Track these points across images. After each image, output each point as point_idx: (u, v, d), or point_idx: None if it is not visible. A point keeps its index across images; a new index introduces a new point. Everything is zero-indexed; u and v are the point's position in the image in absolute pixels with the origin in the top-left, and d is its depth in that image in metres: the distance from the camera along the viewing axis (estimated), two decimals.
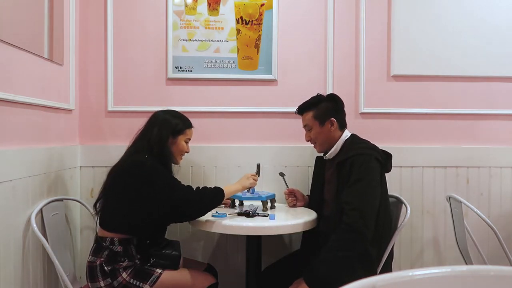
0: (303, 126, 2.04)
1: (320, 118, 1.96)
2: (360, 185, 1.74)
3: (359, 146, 1.87)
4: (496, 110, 2.50)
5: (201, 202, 1.77)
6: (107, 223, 1.76)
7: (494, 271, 0.68)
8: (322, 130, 1.96)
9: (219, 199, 1.82)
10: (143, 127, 1.89)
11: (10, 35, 1.64)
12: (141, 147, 1.82)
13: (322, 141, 1.99)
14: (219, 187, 1.84)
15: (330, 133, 1.96)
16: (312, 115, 1.98)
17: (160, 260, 1.75)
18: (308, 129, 2.01)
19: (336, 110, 1.98)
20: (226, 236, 2.41)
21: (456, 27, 2.47)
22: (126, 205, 1.73)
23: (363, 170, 1.76)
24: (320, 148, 2.02)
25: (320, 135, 1.97)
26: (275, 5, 2.41)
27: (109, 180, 1.81)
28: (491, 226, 2.11)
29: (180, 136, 1.89)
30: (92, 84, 2.38)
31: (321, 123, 1.96)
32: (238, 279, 2.39)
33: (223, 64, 2.41)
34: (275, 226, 1.81)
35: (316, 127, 1.97)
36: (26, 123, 1.80)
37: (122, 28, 2.38)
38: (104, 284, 1.69)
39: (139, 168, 1.72)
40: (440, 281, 0.66)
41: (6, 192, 1.61)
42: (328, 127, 1.95)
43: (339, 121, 1.98)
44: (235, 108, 2.43)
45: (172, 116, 1.91)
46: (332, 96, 2.04)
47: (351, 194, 1.74)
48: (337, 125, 1.96)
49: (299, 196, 2.18)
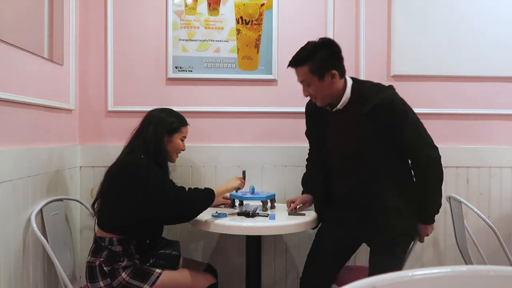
0: (299, 81, 1.77)
1: (318, 72, 1.70)
2: (413, 122, 1.71)
3: (375, 88, 1.76)
4: (496, 110, 2.49)
5: (191, 203, 1.78)
6: (105, 224, 1.76)
7: (494, 271, 0.68)
8: (322, 84, 1.72)
9: (210, 200, 1.83)
10: (139, 126, 1.89)
11: (10, 35, 1.64)
12: (137, 146, 1.82)
13: (324, 96, 1.75)
14: (210, 188, 1.86)
15: (332, 86, 1.73)
16: (308, 70, 1.71)
17: (160, 260, 1.76)
18: (306, 85, 1.76)
19: (334, 59, 1.73)
20: (226, 236, 2.40)
21: (456, 27, 2.47)
22: (121, 205, 1.73)
23: (402, 108, 1.71)
24: (322, 101, 1.78)
25: (321, 90, 1.73)
26: (275, 5, 2.41)
27: (106, 180, 1.81)
28: (491, 226, 2.11)
29: (175, 134, 1.90)
30: (92, 84, 2.38)
31: (320, 77, 1.70)
32: (238, 279, 2.39)
33: (223, 64, 2.41)
34: (275, 226, 1.81)
35: (315, 82, 1.72)
36: (26, 123, 1.80)
37: (122, 28, 2.37)
38: (104, 284, 1.69)
39: (134, 168, 1.73)
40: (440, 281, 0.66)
41: (6, 192, 1.61)
42: (329, 80, 1.71)
43: (340, 70, 1.73)
44: (235, 108, 2.43)
45: (167, 114, 1.91)
46: (327, 42, 1.76)
47: (414, 133, 1.71)
48: (338, 76, 1.72)
49: (301, 201, 2.01)
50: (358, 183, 1.78)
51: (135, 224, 1.74)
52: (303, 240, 2.44)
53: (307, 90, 1.77)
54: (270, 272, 2.45)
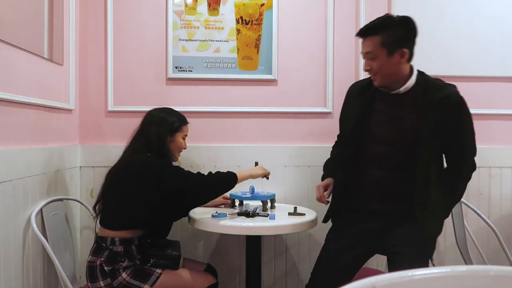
0: (364, 52, 1.66)
1: (390, 46, 1.58)
2: (472, 127, 1.66)
3: (441, 82, 1.68)
4: (496, 110, 2.49)
5: (214, 184, 1.82)
6: (111, 222, 1.76)
7: (494, 271, 0.68)
8: (389, 61, 1.60)
9: (232, 183, 1.85)
10: (139, 126, 1.91)
11: (10, 35, 1.64)
12: (140, 146, 1.83)
13: (387, 74, 1.63)
14: (233, 172, 1.88)
15: (399, 66, 1.62)
16: (379, 42, 1.59)
17: (160, 260, 1.76)
18: (371, 58, 1.63)
19: (410, 38, 1.63)
20: (226, 236, 2.40)
21: (456, 27, 2.47)
22: (135, 202, 1.74)
23: (468, 110, 1.65)
24: (382, 81, 1.65)
25: (385, 67, 1.61)
26: (275, 5, 2.41)
27: (111, 180, 1.81)
28: (491, 226, 2.11)
29: (177, 133, 1.91)
30: (92, 84, 2.38)
31: (390, 53, 1.59)
32: (238, 279, 2.39)
33: (223, 64, 2.41)
34: (275, 226, 1.81)
35: (383, 57, 1.60)
36: (26, 123, 1.80)
37: (122, 28, 2.37)
38: (104, 284, 1.69)
39: (147, 165, 1.76)
40: (440, 281, 0.66)
41: (6, 192, 1.61)
42: (398, 58, 1.60)
43: (411, 53, 1.63)
44: (235, 108, 2.43)
45: (168, 114, 1.93)
46: (407, 18, 1.64)
47: (470, 138, 1.67)
48: (407, 57, 1.62)
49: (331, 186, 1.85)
50: (402, 173, 1.66)
51: (149, 217, 1.76)
52: (303, 240, 2.45)
53: (370, 64, 1.65)
54: (270, 272, 2.45)
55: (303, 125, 2.45)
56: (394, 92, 1.67)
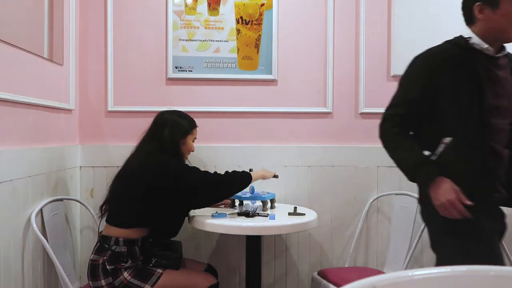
0: None
1: None
2: None
3: None
4: None
5: (231, 182, 1.89)
6: (121, 221, 1.77)
7: (494, 271, 0.68)
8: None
9: (247, 182, 1.91)
10: (151, 128, 1.92)
11: (10, 35, 1.64)
12: (154, 148, 1.85)
13: None
14: (248, 172, 1.95)
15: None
16: None
17: (162, 260, 1.77)
18: None
19: None
20: (226, 236, 2.40)
21: (456, 27, 2.46)
22: (150, 201, 1.76)
23: None
24: None
25: None
26: (275, 5, 2.41)
27: (123, 181, 1.83)
28: None
29: (188, 136, 1.95)
30: (92, 84, 2.38)
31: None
32: (238, 279, 2.39)
33: (223, 64, 2.41)
34: (275, 226, 1.81)
35: None
36: (26, 123, 1.80)
37: (122, 28, 2.37)
38: (105, 283, 1.69)
39: (166, 165, 1.79)
40: (440, 281, 0.66)
41: (6, 192, 1.61)
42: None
43: None
44: (235, 108, 2.43)
45: (179, 116, 1.96)
46: None
47: None
48: None
49: None
50: None
51: (165, 216, 1.81)
52: (303, 240, 2.44)
53: None
54: (270, 272, 2.45)
55: (303, 125, 2.45)
56: (497, 56, 1.52)
